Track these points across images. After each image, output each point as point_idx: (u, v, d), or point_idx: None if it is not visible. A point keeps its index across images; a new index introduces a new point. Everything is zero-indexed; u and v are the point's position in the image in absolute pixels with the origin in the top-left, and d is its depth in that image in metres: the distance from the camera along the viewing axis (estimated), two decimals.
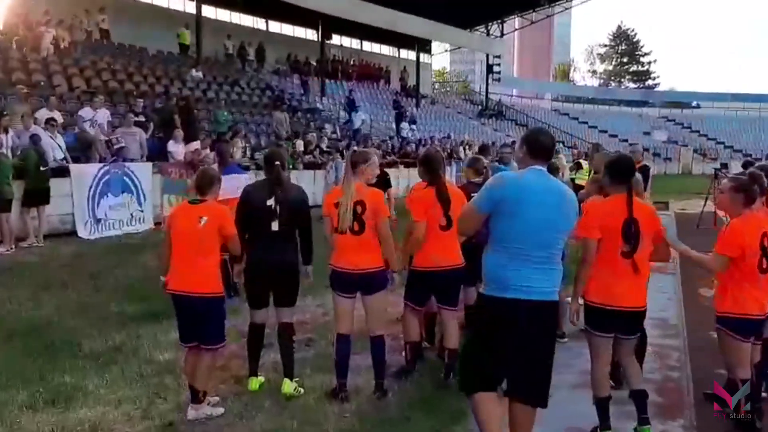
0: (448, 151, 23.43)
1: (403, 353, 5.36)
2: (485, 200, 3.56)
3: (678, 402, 4.90)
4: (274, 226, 4.73)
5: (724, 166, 18.01)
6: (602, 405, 4.22)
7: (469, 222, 3.75)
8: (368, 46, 40.56)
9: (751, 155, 41.77)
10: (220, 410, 4.55)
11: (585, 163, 17.48)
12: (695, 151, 46.98)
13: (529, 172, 3.56)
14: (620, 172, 4.20)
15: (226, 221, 4.50)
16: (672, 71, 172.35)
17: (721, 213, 7.75)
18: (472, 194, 6.15)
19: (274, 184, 4.81)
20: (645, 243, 4.07)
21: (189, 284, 4.41)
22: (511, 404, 3.56)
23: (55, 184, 11.52)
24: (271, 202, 4.73)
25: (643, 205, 4.22)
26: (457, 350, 5.16)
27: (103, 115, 14.60)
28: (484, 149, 8.89)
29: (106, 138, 13.73)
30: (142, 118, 15.61)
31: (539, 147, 3.62)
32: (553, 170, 5.86)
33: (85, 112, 14.32)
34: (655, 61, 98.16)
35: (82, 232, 11.98)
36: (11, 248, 10.39)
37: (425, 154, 5.51)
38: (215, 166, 6.84)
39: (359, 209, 4.62)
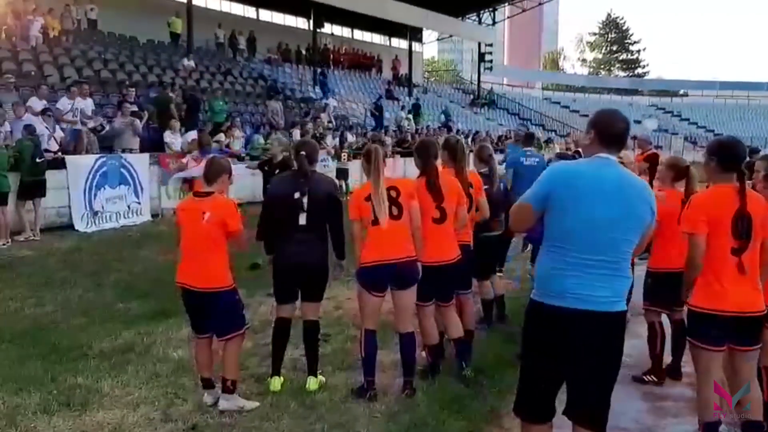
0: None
1: (423, 353, 5.20)
2: (534, 195, 3.08)
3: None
4: (302, 219, 4.57)
5: None
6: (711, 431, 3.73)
7: (520, 218, 3.23)
8: (359, 34, 40.22)
9: None
10: (255, 404, 4.46)
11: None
12: (686, 139, 47.05)
13: (590, 161, 3.05)
14: (731, 157, 3.69)
15: (230, 217, 4.35)
16: (660, 59, 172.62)
17: None
18: (485, 186, 6.06)
19: (300, 176, 4.63)
20: (756, 240, 3.63)
21: (196, 279, 4.36)
22: (574, 428, 3.13)
23: (51, 176, 11.26)
24: (297, 194, 4.56)
25: (757, 196, 3.74)
26: (461, 338, 5.07)
27: (87, 104, 14.15)
28: (529, 138, 8.90)
29: (90, 128, 13.40)
30: (134, 108, 15.26)
31: (612, 133, 3.05)
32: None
33: (63, 103, 13.68)
34: (644, 49, 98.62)
35: (79, 225, 11.72)
36: (7, 242, 10.15)
37: (419, 141, 5.39)
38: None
39: (394, 194, 4.51)
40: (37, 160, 10.79)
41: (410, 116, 28.94)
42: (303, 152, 4.64)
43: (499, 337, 5.92)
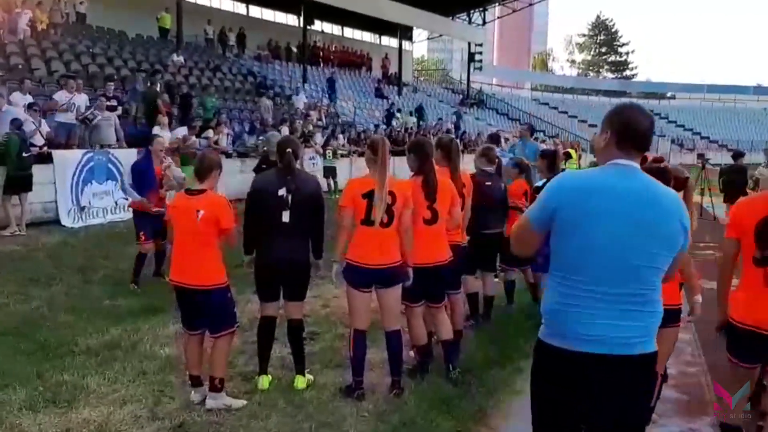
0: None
1: (411, 352, 5.21)
2: (538, 210, 2.54)
3: (701, 399, 4.82)
4: (285, 217, 4.53)
5: (701, 156, 18.07)
6: None
7: (523, 240, 2.67)
8: (350, 32, 40.20)
9: (726, 146, 42.35)
10: (242, 402, 4.44)
11: (573, 153, 17.58)
12: (673, 141, 47.39)
13: (606, 170, 2.48)
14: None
15: (223, 215, 4.34)
16: (648, 62, 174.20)
17: None
18: (486, 183, 6.10)
19: (285, 173, 4.60)
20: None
21: (189, 277, 4.36)
22: None
23: (38, 171, 11.17)
24: (282, 191, 4.53)
25: None
26: (450, 341, 5.06)
27: (81, 99, 13.98)
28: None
29: (81, 117, 13.32)
30: (114, 102, 15.07)
31: (633, 132, 2.46)
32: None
33: (60, 95, 13.61)
34: (633, 51, 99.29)
35: (66, 221, 11.65)
36: None
37: (414, 140, 5.38)
38: None
39: (390, 200, 4.45)
40: (24, 154, 10.70)
41: (399, 114, 28.91)
42: (289, 149, 4.61)
43: (487, 337, 5.94)
